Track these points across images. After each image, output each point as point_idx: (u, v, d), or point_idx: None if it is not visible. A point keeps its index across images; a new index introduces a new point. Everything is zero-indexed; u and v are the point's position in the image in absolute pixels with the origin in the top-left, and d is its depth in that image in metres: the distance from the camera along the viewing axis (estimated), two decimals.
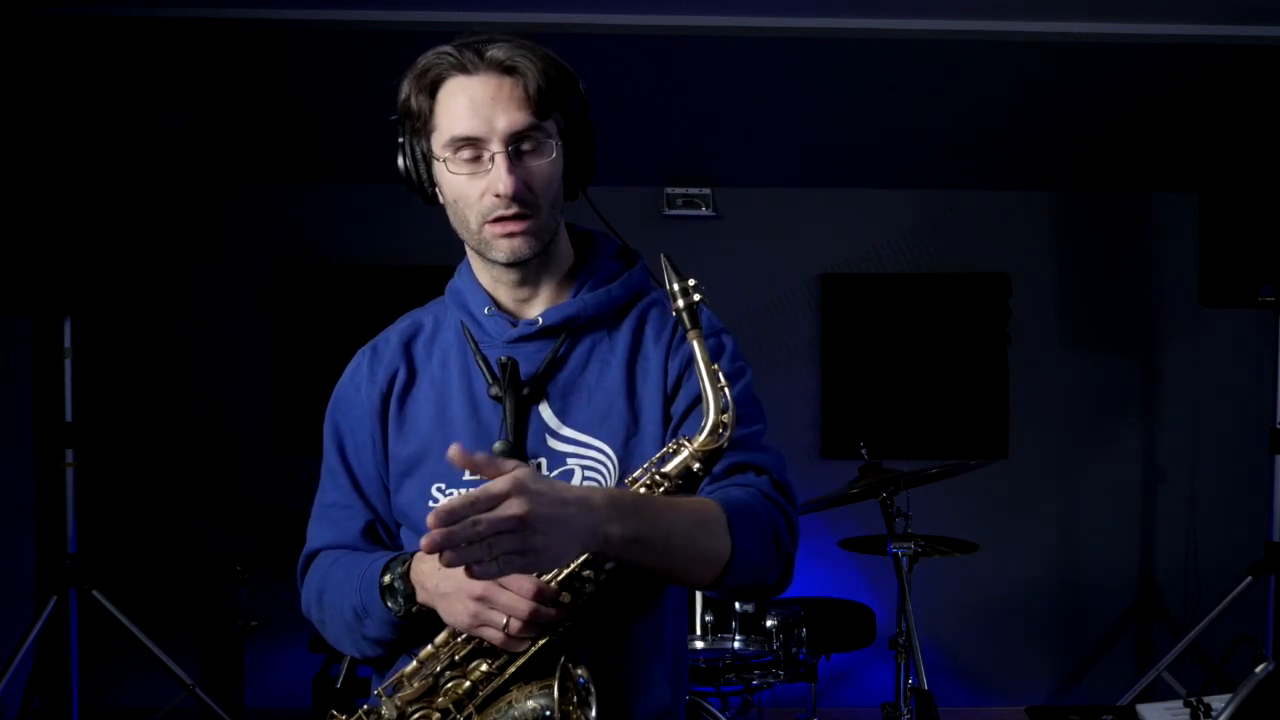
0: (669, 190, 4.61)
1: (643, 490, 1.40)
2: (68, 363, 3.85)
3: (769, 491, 1.47)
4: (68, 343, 3.85)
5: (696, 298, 1.36)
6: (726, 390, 1.39)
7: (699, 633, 3.32)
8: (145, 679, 4.14)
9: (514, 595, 1.37)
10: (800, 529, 1.50)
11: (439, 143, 1.48)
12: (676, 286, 1.36)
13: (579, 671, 1.41)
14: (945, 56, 4.04)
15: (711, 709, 3.25)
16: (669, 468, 1.40)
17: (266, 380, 4.63)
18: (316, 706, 3.75)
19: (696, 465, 1.39)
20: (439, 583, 1.42)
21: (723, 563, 1.39)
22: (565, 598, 1.40)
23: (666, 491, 1.40)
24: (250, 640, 3.87)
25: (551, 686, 1.39)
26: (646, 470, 1.41)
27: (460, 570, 1.40)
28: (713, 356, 1.48)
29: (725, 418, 1.38)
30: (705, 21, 3.88)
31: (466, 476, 1.52)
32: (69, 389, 3.86)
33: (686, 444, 1.41)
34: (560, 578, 1.40)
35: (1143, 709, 3.24)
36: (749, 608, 3.34)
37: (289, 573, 1.75)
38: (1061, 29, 3.92)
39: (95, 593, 3.80)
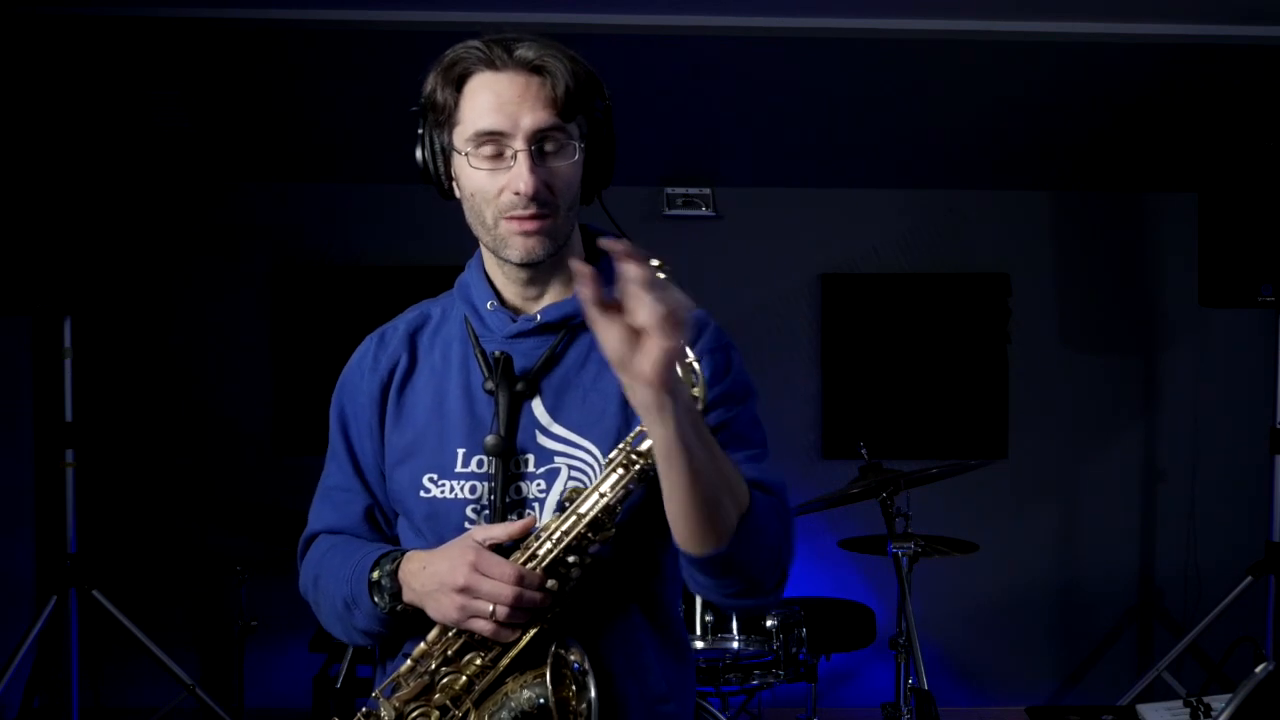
0: (669, 190, 4.61)
1: (620, 470, 1.40)
2: (68, 363, 3.85)
3: (779, 507, 1.45)
4: (68, 343, 3.85)
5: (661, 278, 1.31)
6: (696, 366, 1.36)
7: (699, 633, 3.31)
8: (145, 679, 4.14)
9: (497, 582, 1.38)
10: (798, 532, 1.50)
11: (461, 136, 1.48)
12: None
13: (573, 657, 1.41)
14: (945, 56, 4.04)
15: (711, 709, 3.25)
16: (644, 446, 1.40)
17: (266, 380, 4.63)
18: (316, 706, 3.75)
19: None
20: (424, 582, 1.43)
21: (742, 511, 1.37)
22: (552, 584, 1.41)
23: (641, 471, 1.40)
24: (250, 640, 3.88)
25: (544, 675, 1.39)
26: (622, 450, 1.41)
27: (443, 567, 1.41)
28: (718, 373, 1.49)
29: (696, 392, 1.36)
30: (705, 21, 3.88)
31: (458, 469, 1.52)
32: (69, 389, 3.86)
33: None
34: (545, 564, 1.40)
35: (1143, 709, 3.25)
36: None
37: (289, 573, 1.75)
38: (1061, 29, 3.92)
39: (95, 593, 3.80)
